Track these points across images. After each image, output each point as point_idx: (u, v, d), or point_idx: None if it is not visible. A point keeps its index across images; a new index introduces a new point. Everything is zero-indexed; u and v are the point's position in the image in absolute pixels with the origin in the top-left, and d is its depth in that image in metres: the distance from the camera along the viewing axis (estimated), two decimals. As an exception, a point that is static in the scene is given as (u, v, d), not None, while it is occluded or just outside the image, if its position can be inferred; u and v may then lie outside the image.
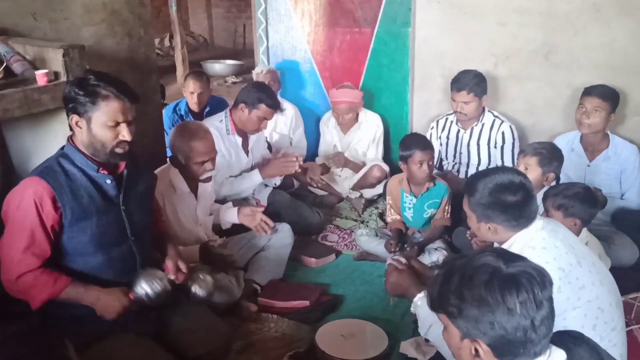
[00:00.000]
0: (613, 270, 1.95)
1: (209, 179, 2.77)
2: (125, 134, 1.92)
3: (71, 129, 1.96)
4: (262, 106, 3.20)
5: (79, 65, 2.34)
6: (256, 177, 3.33)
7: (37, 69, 2.23)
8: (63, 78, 2.25)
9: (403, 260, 2.22)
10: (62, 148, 2.00)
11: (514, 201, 1.81)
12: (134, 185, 2.09)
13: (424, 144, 3.18)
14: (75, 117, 1.91)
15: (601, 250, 2.65)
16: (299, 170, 3.45)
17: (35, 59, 2.30)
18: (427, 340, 2.22)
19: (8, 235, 1.92)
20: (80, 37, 2.67)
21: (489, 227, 1.88)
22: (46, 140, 2.34)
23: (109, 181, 1.99)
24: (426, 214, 3.29)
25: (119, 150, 1.94)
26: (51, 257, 1.93)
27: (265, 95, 3.23)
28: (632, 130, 3.49)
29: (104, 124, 1.89)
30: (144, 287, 1.96)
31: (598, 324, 1.69)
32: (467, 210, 1.95)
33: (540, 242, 1.78)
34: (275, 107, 3.26)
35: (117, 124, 1.91)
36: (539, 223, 1.84)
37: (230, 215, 2.98)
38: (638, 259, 2.89)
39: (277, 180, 3.62)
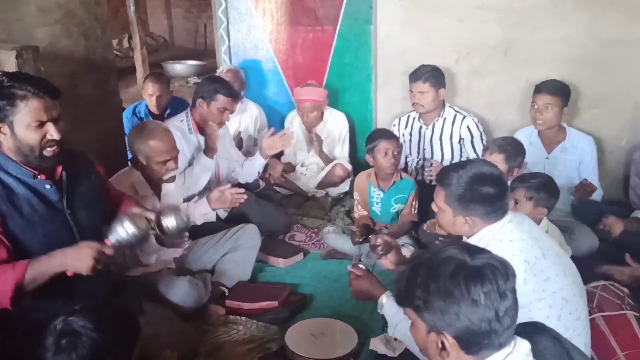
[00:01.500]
0: (574, 260, 1.98)
1: (172, 179, 2.71)
2: (52, 132, 1.83)
3: None
4: (219, 96, 3.16)
5: (32, 67, 2.29)
6: (204, 160, 3.19)
7: (-12, 71, 2.16)
8: (16, 80, 2.17)
9: (361, 266, 2.24)
10: None
11: (494, 193, 1.81)
12: (77, 186, 2.00)
13: (388, 134, 3.27)
14: None
15: (561, 238, 2.71)
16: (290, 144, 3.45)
17: (-13, 61, 2.23)
18: (395, 339, 2.24)
19: None
20: (34, 38, 2.60)
21: (466, 220, 1.85)
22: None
23: (48, 186, 1.90)
24: (393, 208, 3.32)
25: (47, 152, 1.85)
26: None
27: (220, 85, 3.20)
28: (588, 122, 3.59)
29: (28, 125, 1.79)
30: (125, 227, 1.87)
31: (563, 315, 1.72)
32: (441, 204, 1.91)
33: (507, 235, 1.80)
34: (233, 95, 3.22)
35: (42, 123, 1.82)
36: (507, 216, 1.85)
37: (202, 207, 2.92)
38: (598, 248, 2.97)
39: (253, 175, 3.56)
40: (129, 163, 2.81)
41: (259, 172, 3.53)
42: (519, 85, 3.72)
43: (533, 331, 1.28)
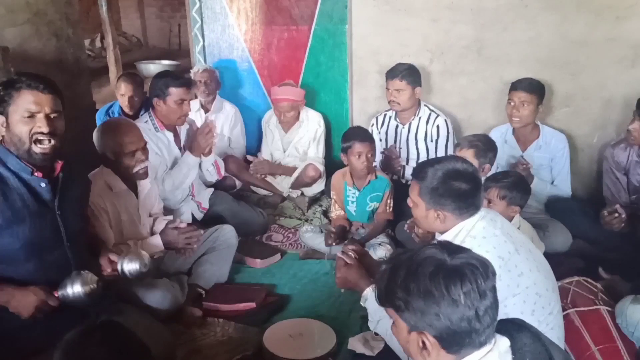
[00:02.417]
0: (547, 256, 2.01)
1: (145, 175, 2.68)
2: (41, 124, 1.85)
3: None
4: (172, 89, 3.11)
5: (2, 67, 2.25)
6: (190, 158, 3.20)
7: (-44, 72, 2.12)
8: (-15, 81, 2.14)
9: (352, 254, 2.22)
10: None
11: (466, 189, 1.82)
12: (70, 189, 2.03)
13: (363, 135, 3.25)
14: (0, 118, 1.88)
15: (533, 233, 2.75)
16: (214, 138, 3.28)
17: (-46, 62, 2.18)
18: (376, 334, 2.24)
19: None
20: (3, 39, 2.55)
21: (438, 215, 1.87)
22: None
23: (43, 184, 1.93)
24: (369, 207, 3.33)
25: (37, 149, 1.87)
26: None
27: (170, 78, 3.16)
28: (560, 120, 3.65)
29: (21, 116, 1.85)
30: (73, 286, 1.90)
31: (536, 309, 1.74)
32: (415, 197, 1.92)
33: (480, 231, 1.81)
34: (184, 84, 3.17)
35: (33, 115, 1.85)
36: (480, 213, 1.86)
37: (155, 242, 2.73)
38: (571, 245, 3.02)
39: (212, 173, 3.49)
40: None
41: (208, 170, 3.45)
42: (491, 85, 3.76)
43: (512, 328, 1.29)
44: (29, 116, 1.84)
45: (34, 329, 1.89)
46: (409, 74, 3.53)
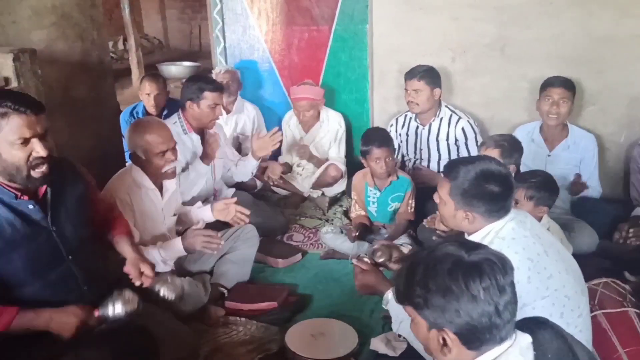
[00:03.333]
0: (573, 256, 1.98)
1: (172, 175, 2.71)
2: (39, 149, 1.73)
3: None
4: (207, 93, 3.14)
5: (30, 69, 2.28)
6: (200, 166, 3.20)
7: (-16, 75, 2.15)
8: (14, 83, 2.18)
9: (366, 260, 2.21)
10: None
11: (498, 192, 1.78)
12: (62, 201, 1.93)
13: (381, 140, 3.17)
14: None
15: (562, 235, 2.71)
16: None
17: (-17, 64, 2.22)
18: (399, 336, 2.22)
19: None
20: (30, 41, 2.59)
21: (467, 215, 1.83)
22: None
23: (31, 206, 1.83)
24: (390, 207, 3.31)
25: (35, 174, 1.77)
26: None
27: (204, 82, 3.20)
28: (586, 119, 3.59)
29: (12, 144, 1.70)
30: (115, 306, 1.89)
31: (565, 312, 1.72)
32: (444, 196, 1.88)
33: (509, 232, 1.78)
34: (219, 88, 3.22)
35: (27, 140, 1.72)
36: (509, 214, 1.83)
37: (205, 214, 2.90)
38: (597, 246, 2.97)
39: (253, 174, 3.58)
40: (127, 164, 2.80)
41: (252, 173, 3.52)
42: (514, 83, 3.72)
43: (535, 325, 1.28)
44: (22, 142, 1.71)
45: (47, 335, 1.86)
46: (428, 74, 3.51)
